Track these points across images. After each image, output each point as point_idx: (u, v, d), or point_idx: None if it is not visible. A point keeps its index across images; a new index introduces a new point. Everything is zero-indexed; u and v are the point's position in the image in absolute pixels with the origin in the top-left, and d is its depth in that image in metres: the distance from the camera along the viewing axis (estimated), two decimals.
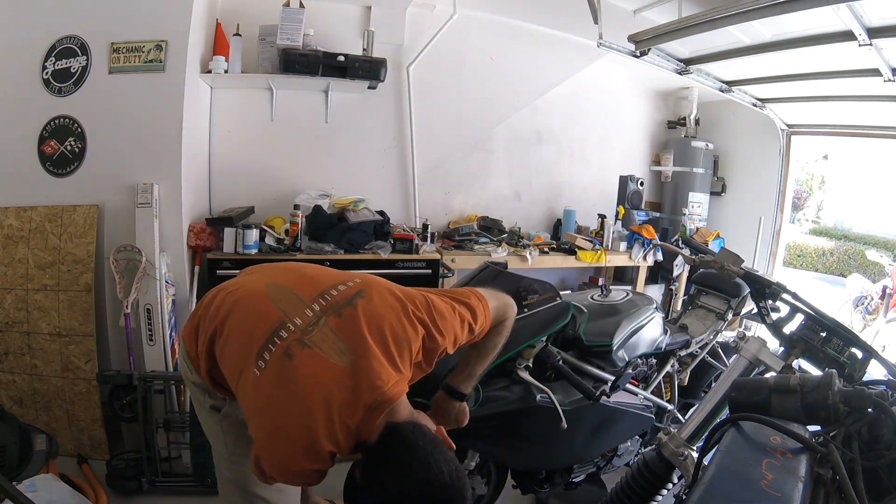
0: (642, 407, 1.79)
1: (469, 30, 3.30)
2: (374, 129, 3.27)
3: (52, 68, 2.31)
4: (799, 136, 4.07)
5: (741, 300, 2.17)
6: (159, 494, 2.11)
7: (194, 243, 2.54)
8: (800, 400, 0.92)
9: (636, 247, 3.57)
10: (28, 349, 2.27)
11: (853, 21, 2.11)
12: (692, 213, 4.22)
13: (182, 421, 2.18)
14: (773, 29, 2.53)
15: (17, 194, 2.32)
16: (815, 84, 3.09)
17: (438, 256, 2.98)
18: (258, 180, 3.03)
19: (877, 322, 4.79)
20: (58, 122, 2.32)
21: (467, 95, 3.45)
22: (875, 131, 3.62)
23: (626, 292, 1.89)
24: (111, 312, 2.34)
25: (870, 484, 0.79)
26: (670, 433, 1.40)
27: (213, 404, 1.22)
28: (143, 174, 2.32)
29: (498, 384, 1.39)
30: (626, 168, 4.15)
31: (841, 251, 9.57)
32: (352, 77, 2.85)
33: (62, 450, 2.13)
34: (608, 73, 4.00)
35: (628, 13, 3.04)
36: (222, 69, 2.68)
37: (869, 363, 1.41)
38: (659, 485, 1.37)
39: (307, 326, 0.97)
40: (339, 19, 3.05)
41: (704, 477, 0.76)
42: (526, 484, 1.71)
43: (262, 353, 0.95)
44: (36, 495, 1.60)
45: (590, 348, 1.56)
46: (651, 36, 2.60)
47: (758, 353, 1.55)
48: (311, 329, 0.96)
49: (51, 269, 2.27)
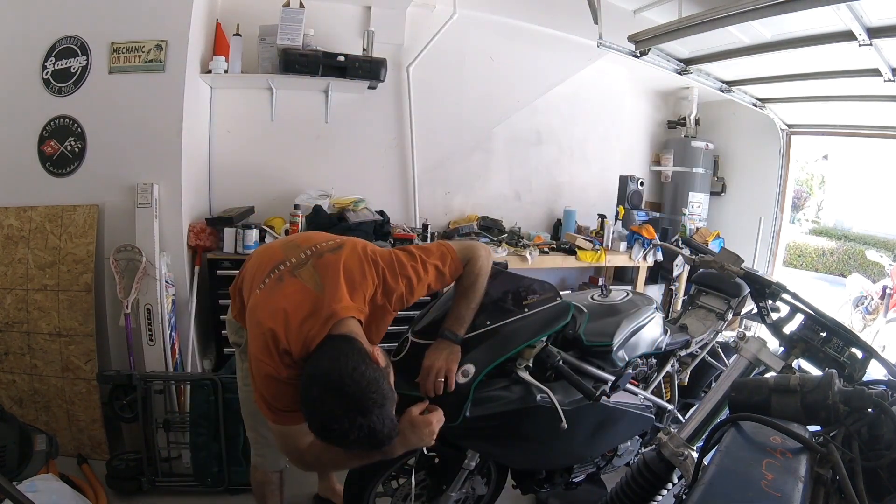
0: (642, 407, 1.78)
1: (469, 30, 3.30)
2: (373, 129, 3.27)
3: (52, 68, 2.31)
4: (799, 136, 4.07)
5: (741, 300, 2.17)
6: (159, 494, 2.11)
7: (194, 243, 2.54)
8: (800, 400, 0.92)
9: (636, 247, 3.57)
10: (28, 349, 2.27)
11: (853, 21, 2.11)
12: (692, 213, 4.23)
13: (182, 421, 2.18)
14: (773, 29, 2.53)
15: (17, 194, 2.32)
16: (815, 84, 3.09)
17: None
18: (258, 180, 3.03)
19: (877, 322, 4.79)
20: (58, 122, 2.32)
21: (467, 95, 3.46)
22: (875, 131, 3.62)
23: (626, 292, 1.88)
24: (111, 312, 2.34)
25: (870, 484, 0.79)
26: (670, 433, 1.40)
27: (235, 340, 1.59)
28: (143, 174, 2.32)
29: (498, 384, 1.39)
30: (626, 168, 4.15)
31: (841, 251, 9.57)
32: (352, 77, 2.85)
33: (62, 450, 2.12)
34: (608, 73, 4.00)
35: (628, 13, 3.04)
36: (222, 69, 2.68)
37: (869, 363, 1.40)
38: (659, 485, 1.37)
39: (298, 264, 1.27)
40: (339, 19, 3.05)
41: (704, 477, 0.76)
42: (526, 484, 1.70)
43: (265, 279, 1.27)
44: (36, 495, 1.59)
45: (590, 348, 1.55)
46: (651, 36, 2.60)
47: (758, 353, 1.55)
48: (300, 266, 1.27)
49: (51, 269, 2.27)
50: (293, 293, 1.21)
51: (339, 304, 1.19)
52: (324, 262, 1.27)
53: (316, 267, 1.26)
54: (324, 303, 1.18)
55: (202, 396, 2.08)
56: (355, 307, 1.23)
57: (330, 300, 1.19)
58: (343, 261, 1.28)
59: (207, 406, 2.08)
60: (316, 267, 1.26)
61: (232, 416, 2.10)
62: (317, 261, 1.28)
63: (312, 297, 1.20)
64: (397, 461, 1.60)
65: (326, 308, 1.17)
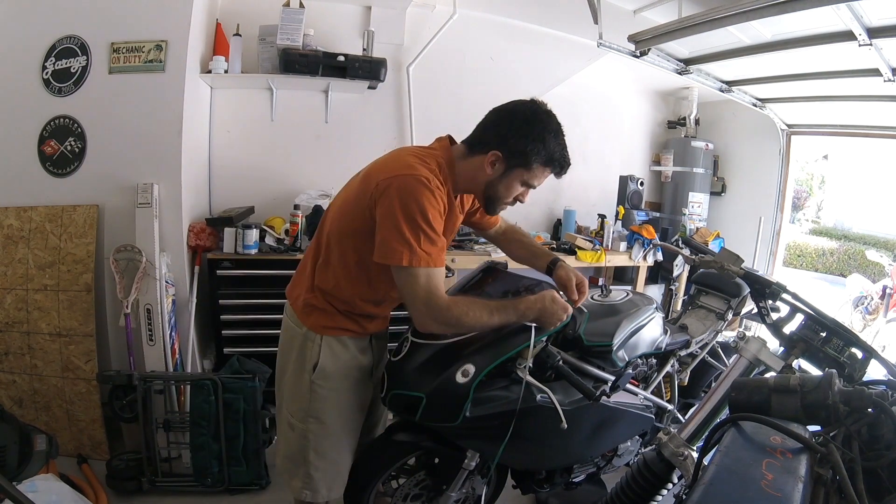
0: (642, 407, 1.78)
1: (469, 30, 3.29)
2: (374, 129, 3.27)
3: (52, 68, 2.31)
4: (799, 136, 4.07)
5: (741, 300, 2.17)
6: (159, 494, 2.12)
7: (194, 243, 2.54)
8: (800, 400, 0.92)
9: (636, 247, 3.57)
10: (28, 349, 2.27)
11: (853, 21, 2.11)
12: (692, 213, 4.22)
13: (182, 421, 2.18)
14: (773, 29, 2.53)
15: (17, 194, 2.32)
16: (815, 84, 3.09)
17: None
18: (258, 180, 3.03)
19: (877, 322, 4.80)
20: (58, 122, 2.32)
21: (467, 95, 3.45)
22: (875, 131, 3.62)
23: (626, 292, 1.88)
24: (111, 312, 2.34)
25: (870, 484, 0.79)
26: (670, 433, 1.40)
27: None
28: (143, 174, 2.32)
29: (498, 384, 1.39)
30: (626, 168, 4.15)
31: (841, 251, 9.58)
32: (352, 77, 2.85)
33: (62, 450, 2.13)
34: (608, 73, 4.00)
35: (628, 13, 3.04)
36: (222, 69, 2.68)
37: (869, 363, 1.40)
38: (659, 485, 1.37)
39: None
40: (339, 19, 3.05)
41: (704, 477, 0.76)
42: (526, 484, 1.70)
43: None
44: (36, 495, 1.60)
45: (590, 348, 1.55)
46: (651, 36, 2.60)
47: (758, 353, 1.55)
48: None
49: (51, 269, 2.27)
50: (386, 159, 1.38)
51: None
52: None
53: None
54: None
55: (202, 396, 2.08)
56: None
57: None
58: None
59: (207, 406, 2.08)
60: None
61: (232, 416, 2.10)
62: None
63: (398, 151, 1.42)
64: (397, 461, 1.61)
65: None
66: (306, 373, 1.42)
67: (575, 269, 1.60)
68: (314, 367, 1.41)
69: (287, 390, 1.49)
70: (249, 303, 2.62)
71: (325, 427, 1.44)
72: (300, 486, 1.48)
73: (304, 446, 1.45)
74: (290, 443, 1.49)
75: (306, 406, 1.43)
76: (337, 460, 1.49)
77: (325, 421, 1.44)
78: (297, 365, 1.44)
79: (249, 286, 2.62)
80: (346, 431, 1.50)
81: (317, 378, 1.41)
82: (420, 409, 1.36)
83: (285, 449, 1.51)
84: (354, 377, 1.47)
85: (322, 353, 1.41)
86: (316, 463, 1.46)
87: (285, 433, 1.51)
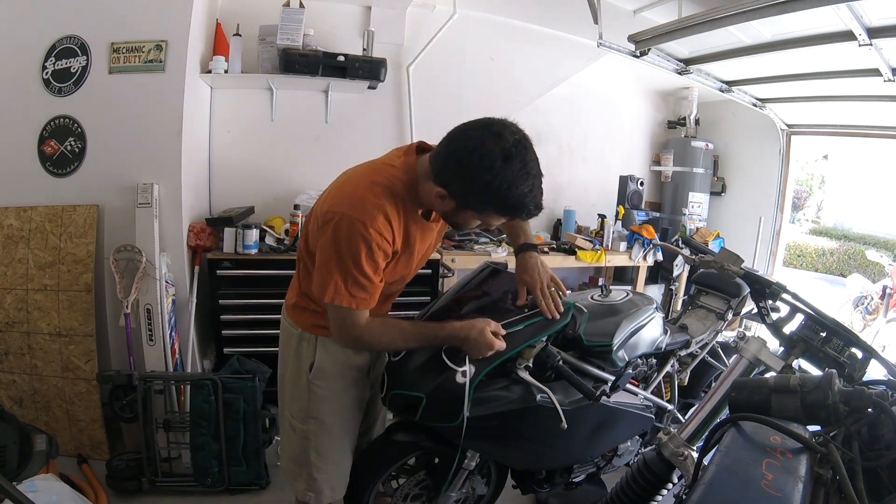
0: (642, 407, 1.78)
1: (469, 30, 3.29)
2: (374, 129, 3.26)
3: (52, 68, 2.31)
4: (799, 136, 4.07)
5: (741, 300, 2.17)
6: (159, 494, 2.12)
7: (194, 243, 2.54)
8: (800, 400, 0.92)
9: (636, 247, 3.57)
10: (28, 349, 2.27)
11: (853, 21, 2.11)
12: (692, 213, 4.22)
13: (182, 421, 2.18)
14: (773, 29, 2.53)
15: (17, 194, 2.32)
16: (815, 84, 3.09)
17: (438, 256, 2.98)
18: (258, 180, 3.03)
19: (877, 322, 4.79)
20: (58, 122, 2.32)
21: (467, 95, 3.45)
22: (875, 131, 3.62)
23: (626, 292, 1.88)
24: (111, 312, 2.34)
25: (870, 484, 0.79)
26: (670, 433, 1.40)
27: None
28: (143, 174, 2.32)
29: (498, 384, 1.39)
30: (626, 168, 4.15)
31: (841, 251, 9.57)
32: (352, 77, 2.85)
33: (62, 450, 2.12)
34: (608, 73, 3.99)
35: (628, 13, 3.04)
36: (222, 69, 2.68)
37: (869, 363, 1.40)
38: (659, 485, 1.37)
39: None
40: (339, 19, 3.04)
41: (704, 477, 0.76)
42: (526, 484, 1.70)
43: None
44: (36, 495, 1.60)
45: (590, 348, 1.55)
46: (651, 36, 2.60)
47: (758, 353, 1.55)
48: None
49: (51, 269, 2.27)
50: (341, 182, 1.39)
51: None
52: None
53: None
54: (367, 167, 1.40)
55: (202, 396, 2.08)
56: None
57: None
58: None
59: (207, 406, 2.08)
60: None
61: (232, 416, 2.10)
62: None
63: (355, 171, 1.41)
64: (397, 461, 1.61)
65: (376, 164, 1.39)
66: (303, 373, 1.43)
67: (546, 266, 1.54)
68: (310, 367, 1.42)
69: (287, 392, 1.50)
70: (249, 303, 2.62)
71: (325, 427, 1.45)
72: (304, 487, 1.49)
73: (305, 447, 1.46)
74: (292, 444, 1.50)
75: (306, 406, 1.44)
76: (338, 461, 1.50)
77: (324, 421, 1.45)
78: (295, 365, 1.45)
79: (249, 286, 2.62)
80: (346, 431, 1.50)
81: (314, 378, 1.42)
82: (420, 409, 1.36)
83: (289, 451, 1.52)
84: (351, 376, 1.47)
85: (318, 352, 1.43)
86: (318, 464, 1.46)
87: (288, 435, 1.52)
